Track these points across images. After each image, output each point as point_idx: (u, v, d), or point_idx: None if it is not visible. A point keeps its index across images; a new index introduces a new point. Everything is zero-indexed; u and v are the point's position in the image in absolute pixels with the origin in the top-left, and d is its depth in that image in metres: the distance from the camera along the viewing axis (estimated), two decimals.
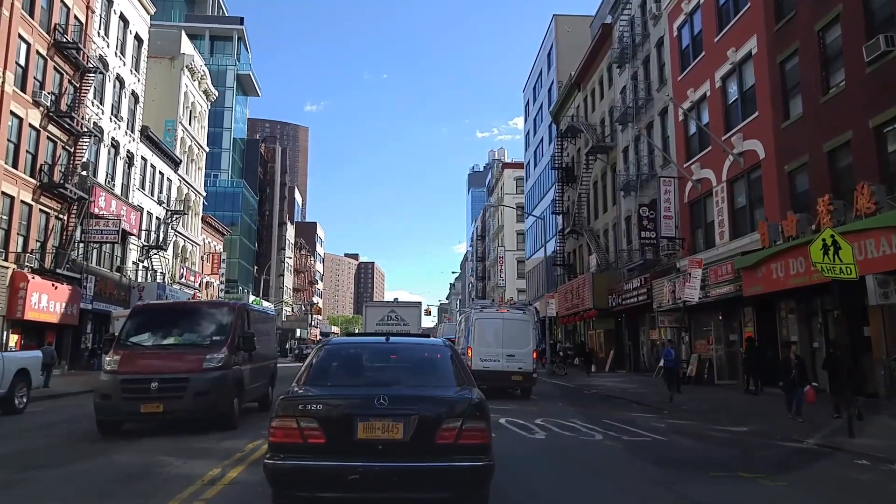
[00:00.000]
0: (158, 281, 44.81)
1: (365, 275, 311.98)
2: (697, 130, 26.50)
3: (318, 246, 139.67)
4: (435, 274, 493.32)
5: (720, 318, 24.69)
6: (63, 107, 31.21)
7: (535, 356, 20.93)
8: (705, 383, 24.72)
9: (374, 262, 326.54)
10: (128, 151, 39.77)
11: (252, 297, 74.45)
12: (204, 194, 58.39)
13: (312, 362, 6.40)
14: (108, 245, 36.97)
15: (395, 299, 43.82)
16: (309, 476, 5.32)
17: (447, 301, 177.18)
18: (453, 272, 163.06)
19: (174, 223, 47.49)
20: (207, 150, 59.10)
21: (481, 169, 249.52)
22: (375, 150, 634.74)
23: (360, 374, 6.40)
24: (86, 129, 32.70)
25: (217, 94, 61.05)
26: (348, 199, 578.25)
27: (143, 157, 42.61)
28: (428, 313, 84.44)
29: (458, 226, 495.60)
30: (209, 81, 57.67)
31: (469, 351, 20.62)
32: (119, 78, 38.16)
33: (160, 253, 44.95)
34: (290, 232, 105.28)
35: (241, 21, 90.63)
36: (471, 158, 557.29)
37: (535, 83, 63.10)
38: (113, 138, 37.43)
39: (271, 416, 5.55)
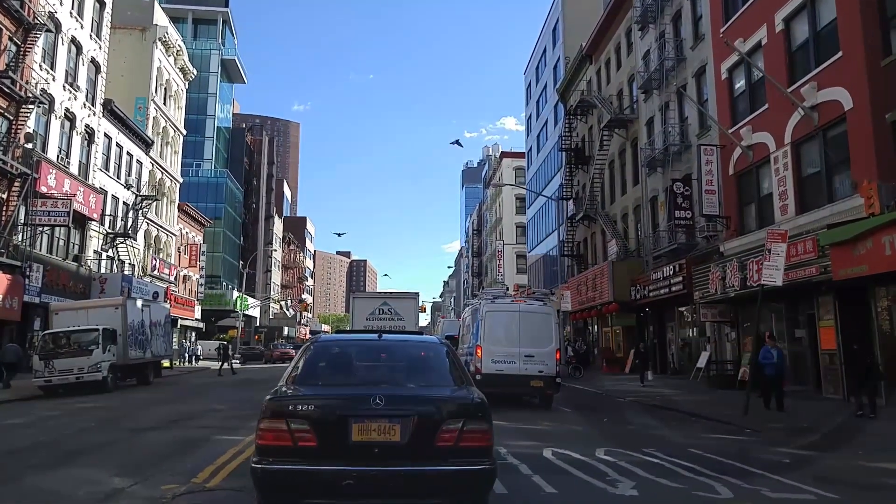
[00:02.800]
0: (126, 272, 40.38)
1: (357, 272, 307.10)
2: (748, 88, 22.30)
3: (307, 241, 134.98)
4: (427, 273, 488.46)
5: (782, 310, 20.44)
6: (1, 66, 26.80)
7: (557, 357, 16.67)
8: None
9: (366, 260, 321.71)
10: (87, 126, 35.26)
11: (236, 294, 70.00)
12: (181, 181, 53.88)
13: (301, 361, 5.99)
14: (61, 230, 32.55)
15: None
16: (299, 481, 4.98)
17: (441, 299, 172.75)
18: (449, 267, 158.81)
19: (145, 210, 42.97)
20: (184, 132, 54.57)
21: (475, 165, 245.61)
22: (364, 151, 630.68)
23: (352, 373, 6.04)
24: (30, 95, 28.23)
25: (195, 72, 56.55)
26: (338, 200, 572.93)
27: (106, 135, 38.13)
28: (423, 310, 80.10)
29: (449, 226, 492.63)
30: (186, 58, 53.14)
31: (478, 350, 16.39)
32: (75, 42, 33.66)
33: (128, 242, 40.47)
34: (278, 226, 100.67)
35: (226, 3, 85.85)
36: (459, 158, 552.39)
37: (539, 62, 58.82)
38: (67, 109, 32.93)
39: (259, 418, 5.14)
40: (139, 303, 25.87)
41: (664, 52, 29.11)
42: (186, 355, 43.62)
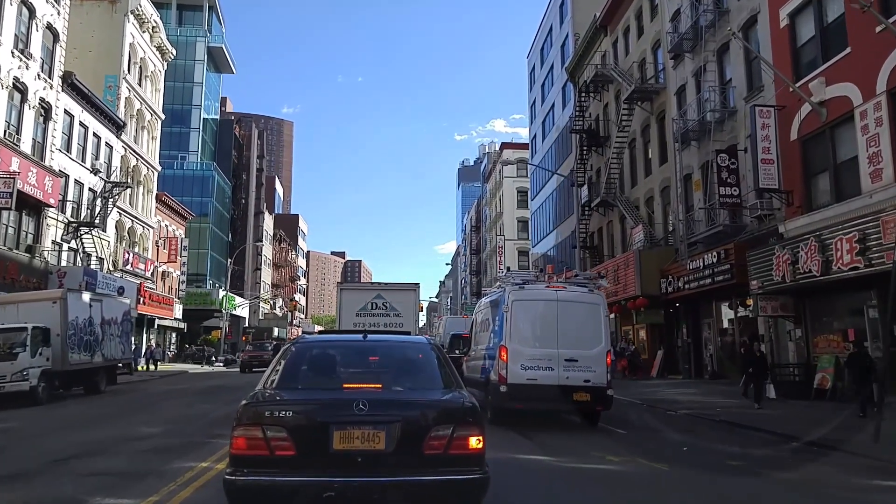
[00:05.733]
0: (93, 266, 36.30)
1: (352, 273, 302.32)
2: (818, 33, 18.41)
3: (300, 240, 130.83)
4: (421, 273, 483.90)
5: (873, 300, 16.48)
6: None
7: (608, 361, 12.65)
8: (846, 398, 16.45)
9: (361, 261, 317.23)
10: (42, 100, 31.17)
11: (222, 293, 65.84)
12: (159, 169, 49.73)
13: (281, 363, 5.63)
14: (9, 216, 28.51)
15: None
16: (276, 494, 4.65)
17: (437, 299, 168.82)
18: (447, 264, 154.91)
19: (115, 197, 38.85)
20: (163, 117, 50.38)
21: (472, 163, 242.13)
22: (357, 153, 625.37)
23: (334, 377, 5.68)
24: None
25: (174, 52, 52.36)
26: (330, 202, 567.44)
27: (67, 112, 34.05)
28: (420, 309, 76.19)
29: (442, 226, 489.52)
30: (163, 35, 49.00)
31: (503, 352, 12.33)
32: (26, 3, 29.54)
33: (94, 232, 36.35)
34: (269, 223, 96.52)
35: None
36: (452, 159, 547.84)
37: (544, 42, 54.93)
38: (17, 79, 28.85)
39: (233, 425, 4.76)
40: (86, 297, 21.84)
41: (700, 4, 25.20)
42: (143, 359, 37.81)
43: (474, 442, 4.80)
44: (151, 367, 38.40)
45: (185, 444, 9.56)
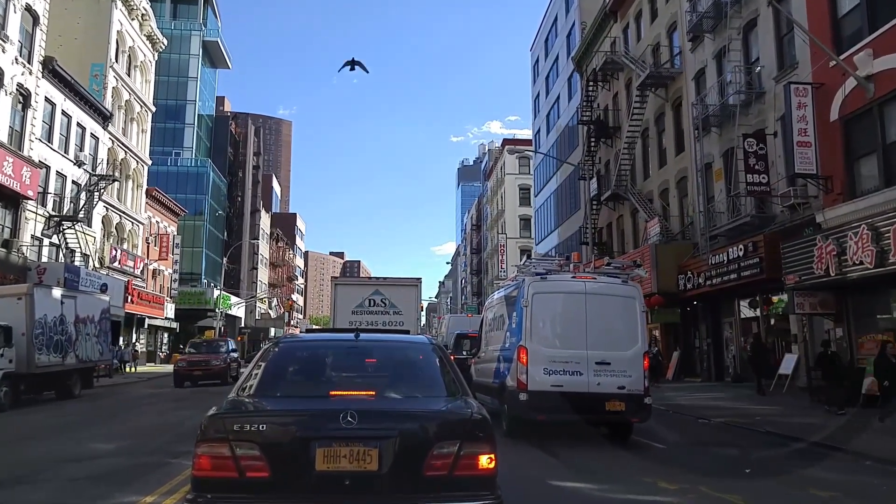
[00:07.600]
0: (77, 262, 34.46)
1: (351, 273, 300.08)
2: (864, 1, 16.66)
3: (297, 239, 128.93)
4: (418, 275, 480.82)
5: None
6: None
7: (646, 364, 10.83)
8: None
9: (360, 261, 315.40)
10: (20, 86, 29.37)
11: (217, 292, 64.00)
12: (149, 163, 47.89)
13: (259, 366, 4.95)
14: None
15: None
16: None
17: (437, 300, 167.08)
18: (447, 263, 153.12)
19: (101, 191, 37.01)
20: (153, 109, 48.59)
21: (471, 163, 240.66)
22: (352, 154, 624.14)
23: (320, 382, 4.98)
24: None
25: (166, 42, 50.48)
26: (328, 203, 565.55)
27: (48, 100, 32.23)
28: (420, 308, 74.35)
29: (438, 228, 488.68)
30: (154, 24, 47.16)
31: (522, 354, 10.53)
32: None
33: (77, 227, 34.49)
34: (265, 221, 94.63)
35: None
36: (446, 162, 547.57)
37: (549, 33, 53.16)
38: None
39: (196, 440, 4.02)
40: (57, 293, 20.01)
41: None
42: (116, 361, 33.79)
43: (485, 461, 4.15)
44: (128, 369, 36.38)
45: (136, 468, 7.80)
